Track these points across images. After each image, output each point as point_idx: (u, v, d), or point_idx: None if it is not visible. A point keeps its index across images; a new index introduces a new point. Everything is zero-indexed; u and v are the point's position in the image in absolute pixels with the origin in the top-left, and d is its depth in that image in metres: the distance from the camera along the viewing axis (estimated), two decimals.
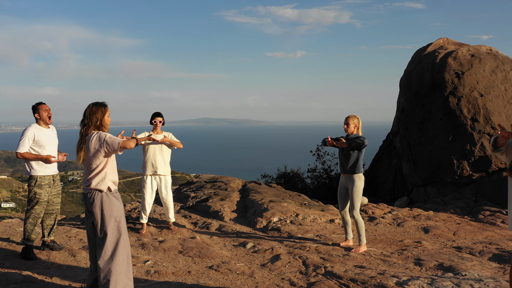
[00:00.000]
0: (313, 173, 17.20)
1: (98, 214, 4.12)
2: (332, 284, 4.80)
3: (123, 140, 4.10)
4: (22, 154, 5.71)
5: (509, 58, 12.08)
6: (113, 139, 4.09)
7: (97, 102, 4.26)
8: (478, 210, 9.38)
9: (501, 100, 11.00)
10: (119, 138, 4.13)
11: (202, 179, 13.77)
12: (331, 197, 15.14)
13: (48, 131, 5.95)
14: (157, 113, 7.40)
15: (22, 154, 5.71)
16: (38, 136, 5.79)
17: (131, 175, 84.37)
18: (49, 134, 5.96)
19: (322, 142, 6.56)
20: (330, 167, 16.85)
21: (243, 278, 5.13)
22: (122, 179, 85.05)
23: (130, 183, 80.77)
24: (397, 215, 9.03)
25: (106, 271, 4.06)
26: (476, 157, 10.44)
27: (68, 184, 79.27)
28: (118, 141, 4.07)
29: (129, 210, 8.90)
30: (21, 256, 5.80)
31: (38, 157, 5.77)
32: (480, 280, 4.59)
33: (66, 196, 69.46)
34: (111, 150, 4.08)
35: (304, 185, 17.88)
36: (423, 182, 11.51)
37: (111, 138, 4.11)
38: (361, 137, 6.23)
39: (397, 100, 13.65)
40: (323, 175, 17.02)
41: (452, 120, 11.00)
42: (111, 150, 4.08)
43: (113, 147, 4.06)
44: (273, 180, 18.33)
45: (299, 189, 16.65)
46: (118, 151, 4.07)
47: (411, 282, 4.60)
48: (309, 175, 17.32)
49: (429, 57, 12.54)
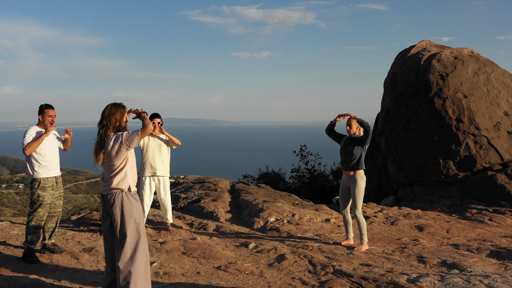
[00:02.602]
0: (297, 173, 17.35)
1: (118, 215, 4.08)
2: (344, 282, 4.87)
3: (139, 130, 4.08)
4: (29, 146, 5.52)
5: (490, 61, 12.45)
6: (131, 134, 4.06)
7: (116, 103, 4.21)
8: (465, 208, 9.64)
9: (484, 101, 11.33)
10: (135, 130, 4.11)
11: (188, 179, 13.71)
12: (315, 197, 15.31)
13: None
14: (156, 114, 7.34)
15: (29, 146, 5.52)
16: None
17: (95, 176, 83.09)
18: (49, 136, 5.87)
19: (329, 125, 6.71)
20: (314, 167, 17.03)
21: (253, 278, 5.16)
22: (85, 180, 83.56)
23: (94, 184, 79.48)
24: (388, 214, 9.20)
25: (126, 273, 4.02)
26: (462, 157, 10.72)
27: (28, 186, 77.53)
28: (136, 133, 4.04)
29: None
30: (22, 260, 5.68)
31: (41, 138, 5.59)
32: (487, 276, 4.74)
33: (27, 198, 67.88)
34: (132, 141, 4.04)
35: (286, 185, 18.04)
36: (409, 181, 11.75)
37: (127, 134, 4.08)
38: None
39: (382, 101, 13.89)
40: (306, 175, 17.19)
41: (437, 120, 11.27)
42: (132, 144, 4.05)
43: (134, 140, 4.03)
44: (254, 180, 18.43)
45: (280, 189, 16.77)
46: (140, 138, 4.04)
47: (422, 279, 4.71)
48: (293, 175, 17.47)
49: (413, 59, 12.82)
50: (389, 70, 13.90)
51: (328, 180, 16.99)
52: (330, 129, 6.77)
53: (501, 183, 9.78)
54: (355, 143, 6.41)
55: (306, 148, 17.35)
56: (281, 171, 18.86)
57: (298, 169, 17.36)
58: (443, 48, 13.46)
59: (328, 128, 6.80)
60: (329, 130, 6.79)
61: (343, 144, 6.58)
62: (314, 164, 17.08)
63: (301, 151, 17.33)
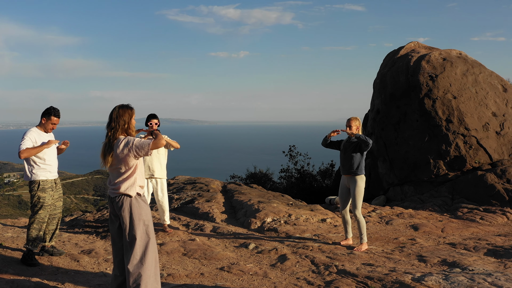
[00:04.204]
0: (286, 173, 17.42)
1: (127, 218, 4.05)
2: (349, 282, 4.91)
3: (152, 141, 4.05)
4: (26, 151, 5.48)
5: (477, 62, 12.67)
6: (142, 142, 4.03)
7: (123, 105, 4.18)
8: (456, 208, 9.78)
9: (472, 102, 11.52)
10: (148, 140, 4.08)
11: (179, 180, 13.66)
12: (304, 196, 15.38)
13: (47, 136, 5.84)
14: (153, 114, 7.26)
15: (26, 151, 5.48)
16: (38, 141, 5.65)
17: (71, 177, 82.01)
18: (48, 139, 5.82)
19: (324, 140, 6.71)
20: (303, 167, 17.11)
21: (258, 279, 5.16)
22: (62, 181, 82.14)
23: (70, 184, 78.42)
24: (381, 213, 9.29)
25: (136, 275, 3.99)
26: (452, 157, 10.89)
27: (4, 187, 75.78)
28: (147, 143, 4.01)
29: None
30: (22, 262, 5.59)
31: (41, 147, 5.56)
32: (490, 275, 4.82)
33: (1, 199, 66.74)
34: (141, 152, 4.02)
35: (274, 185, 18.10)
36: (399, 181, 11.89)
37: (139, 141, 4.04)
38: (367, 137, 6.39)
39: (371, 102, 14.03)
40: (295, 175, 17.26)
41: (427, 121, 11.43)
42: (140, 152, 4.02)
43: (143, 149, 4.00)
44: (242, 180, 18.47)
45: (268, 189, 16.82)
46: (149, 153, 4.02)
47: (427, 278, 4.77)
48: (282, 175, 17.54)
49: (403, 60, 12.97)
50: (378, 71, 14.04)
51: (317, 180, 17.10)
52: (325, 143, 6.75)
53: (491, 183, 9.95)
54: (355, 147, 6.43)
55: (295, 149, 17.43)
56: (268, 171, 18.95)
57: (287, 169, 17.43)
58: (431, 49, 13.64)
59: (323, 142, 6.75)
60: (325, 144, 6.77)
61: (343, 147, 6.57)
62: (303, 164, 17.17)
63: (290, 151, 17.41)
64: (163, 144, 4.11)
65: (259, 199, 9.73)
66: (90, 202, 67.95)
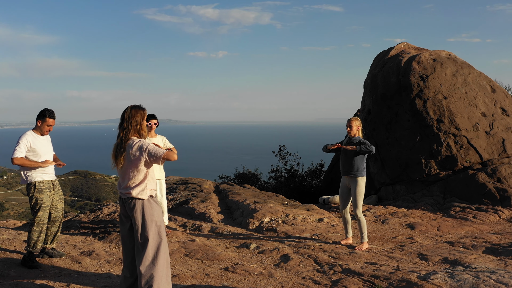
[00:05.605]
0: (276, 173, 17.47)
1: (139, 219, 4.02)
2: (356, 281, 4.95)
3: (166, 151, 4.01)
4: (19, 160, 5.46)
5: (466, 63, 12.86)
6: (156, 149, 3.97)
7: (135, 105, 4.14)
8: (448, 207, 9.92)
9: (462, 102, 11.69)
10: (163, 149, 4.04)
11: (170, 180, 13.59)
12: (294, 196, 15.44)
13: (43, 139, 5.76)
14: (152, 115, 7.22)
15: (19, 160, 5.46)
16: (34, 145, 5.60)
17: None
18: (44, 142, 5.77)
19: (324, 147, 6.71)
20: (293, 167, 17.17)
21: (264, 279, 5.17)
22: None
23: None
24: (376, 213, 9.37)
25: (148, 276, 3.97)
26: (443, 156, 11.03)
27: None
28: (161, 152, 3.95)
29: (108, 214, 8.65)
30: (22, 265, 5.51)
31: (35, 164, 5.55)
32: (494, 272, 4.91)
33: None
34: (153, 160, 3.97)
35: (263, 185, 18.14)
36: (391, 180, 12.00)
37: (153, 148, 3.99)
38: (369, 144, 6.39)
39: (362, 102, 14.13)
40: (285, 175, 17.31)
41: (419, 121, 11.56)
42: (153, 160, 3.97)
43: (156, 157, 3.95)
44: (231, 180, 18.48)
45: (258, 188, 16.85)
46: (160, 162, 3.97)
47: (433, 276, 4.83)
48: (272, 175, 17.58)
49: (393, 60, 13.09)
50: (368, 71, 14.15)
51: (305, 180, 17.18)
52: (326, 150, 6.72)
53: (482, 182, 10.11)
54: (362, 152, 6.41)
55: (285, 149, 17.50)
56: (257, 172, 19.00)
57: (277, 169, 17.48)
58: (421, 50, 13.80)
59: (324, 149, 6.71)
60: (326, 151, 6.75)
61: (343, 149, 6.58)
62: (293, 164, 17.23)
63: (280, 151, 17.46)
64: (175, 159, 4.05)
65: (254, 199, 9.73)
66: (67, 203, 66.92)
